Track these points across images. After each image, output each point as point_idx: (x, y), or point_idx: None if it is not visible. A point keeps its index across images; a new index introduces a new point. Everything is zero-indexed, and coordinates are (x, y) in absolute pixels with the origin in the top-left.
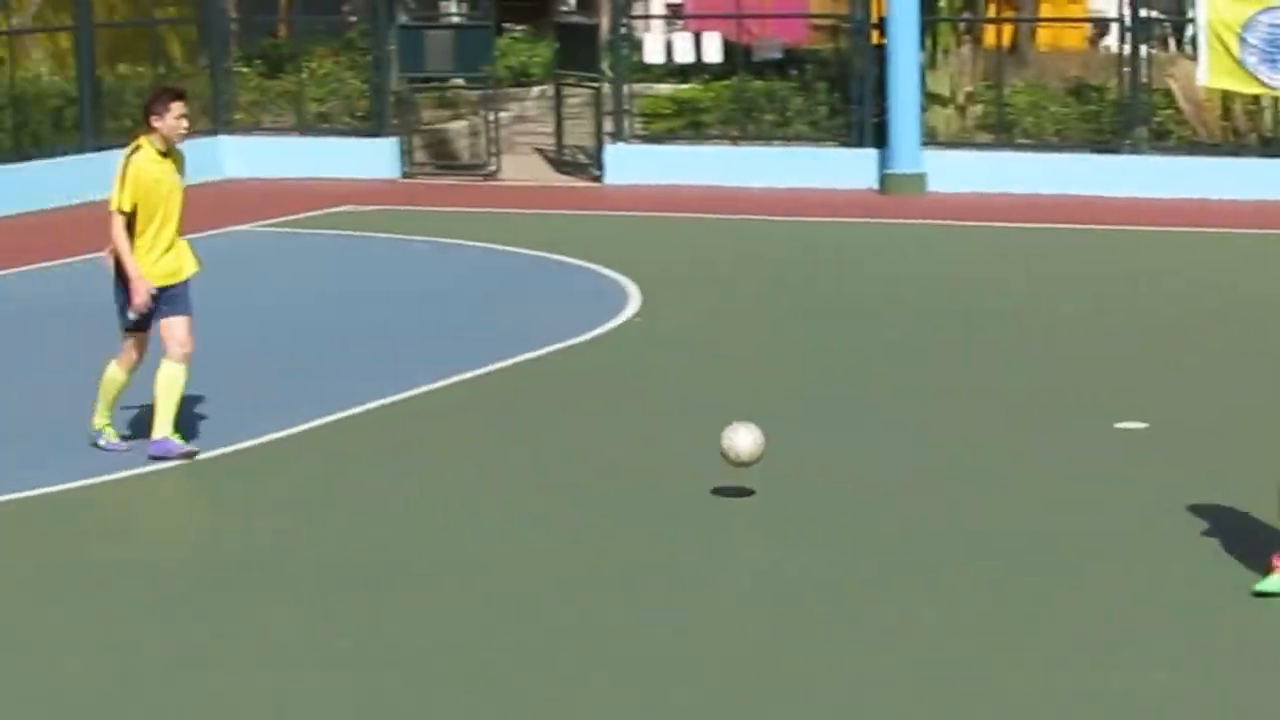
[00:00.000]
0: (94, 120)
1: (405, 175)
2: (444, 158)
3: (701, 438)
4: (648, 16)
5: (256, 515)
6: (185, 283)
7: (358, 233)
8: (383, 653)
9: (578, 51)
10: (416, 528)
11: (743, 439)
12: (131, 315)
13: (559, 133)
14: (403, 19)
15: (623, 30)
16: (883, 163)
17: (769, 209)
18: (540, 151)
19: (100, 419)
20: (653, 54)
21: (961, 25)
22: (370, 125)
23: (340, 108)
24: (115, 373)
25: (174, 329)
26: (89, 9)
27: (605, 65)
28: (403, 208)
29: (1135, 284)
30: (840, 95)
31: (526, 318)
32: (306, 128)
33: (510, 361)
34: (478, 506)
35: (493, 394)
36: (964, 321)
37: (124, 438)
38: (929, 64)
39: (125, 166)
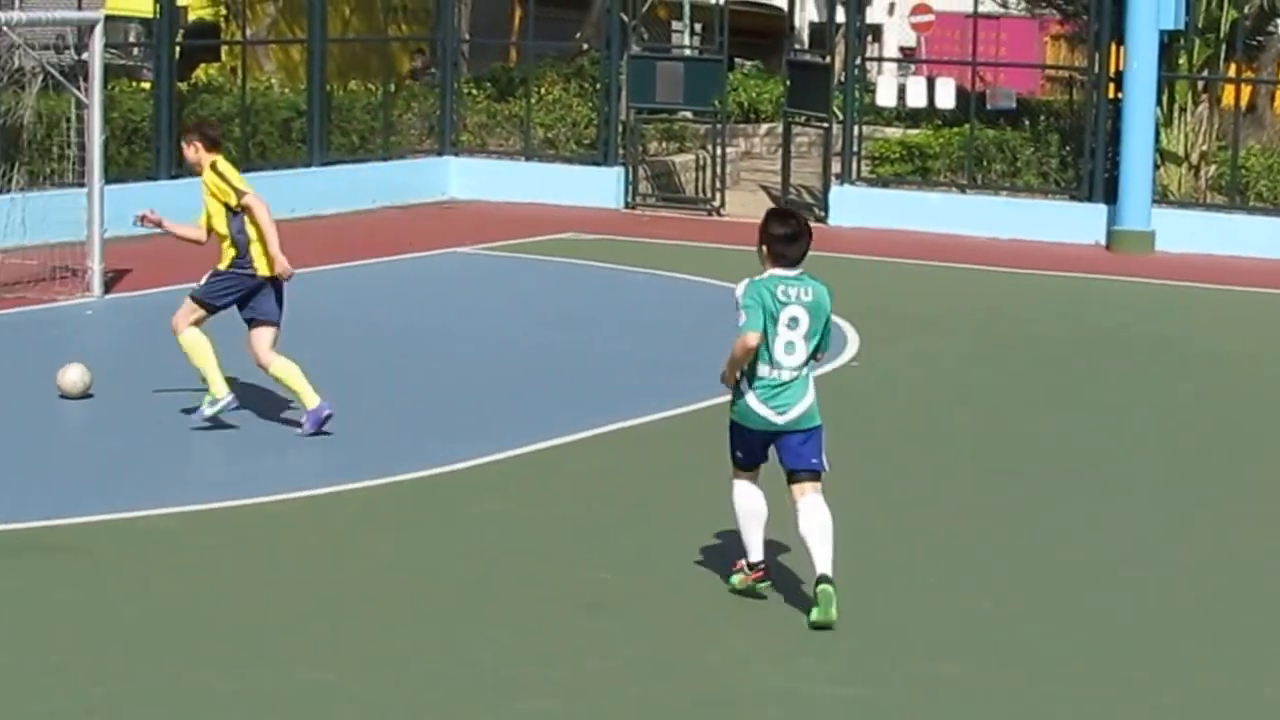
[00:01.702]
0: (322, 135)
1: (628, 205)
2: (668, 190)
3: (912, 488)
4: (881, 59)
5: (472, 533)
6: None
7: (578, 260)
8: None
9: (808, 90)
10: (627, 552)
11: (72, 378)
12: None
13: (785, 171)
14: (635, 49)
15: (856, 71)
16: (1111, 219)
17: (993, 259)
18: (765, 189)
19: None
20: (885, 97)
21: (1200, 83)
22: (596, 154)
23: (567, 134)
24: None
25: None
26: (323, 24)
27: (836, 106)
28: (624, 238)
29: None
30: (1072, 148)
31: None
32: (532, 153)
33: (722, 399)
34: (677, 535)
35: (704, 429)
36: (1184, 381)
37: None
38: (1164, 121)
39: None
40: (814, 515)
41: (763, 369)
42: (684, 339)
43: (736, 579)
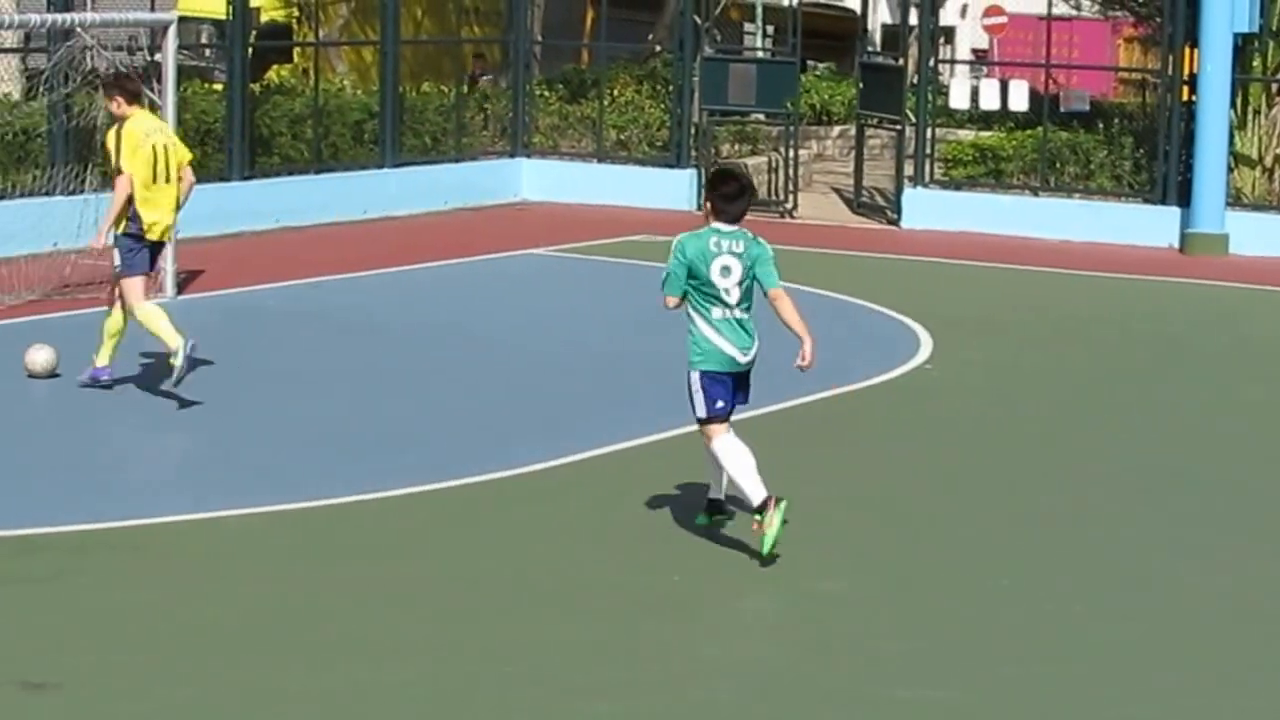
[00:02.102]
0: (394, 136)
1: (700, 208)
2: None
3: (985, 491)
4: (954, 61)
5: (545, 535)
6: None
7: (650, 262)
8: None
9: (881, 92)
10: (698, 554)
11: (38, 358)
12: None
13: (858, 173)
14: (707, 50)
15: (928, 73)
16: (1185, 222)
17: (1066, 262)
18: (837, 191)
19: (173, 340)
20: (958, 99)
21: (1274, 86)
22: (668, 156)
23: (639, 136)
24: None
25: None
26: (395, 25)
27: (909, 108)
28: None
29: None
30: (1145, 151)
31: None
32: (604, 155)
33: (796, 402)
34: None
35: (778, 433)
36: (1257, 385)
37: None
38: (1238, 124)
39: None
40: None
41: (717, 311)
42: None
43: (770, 533)
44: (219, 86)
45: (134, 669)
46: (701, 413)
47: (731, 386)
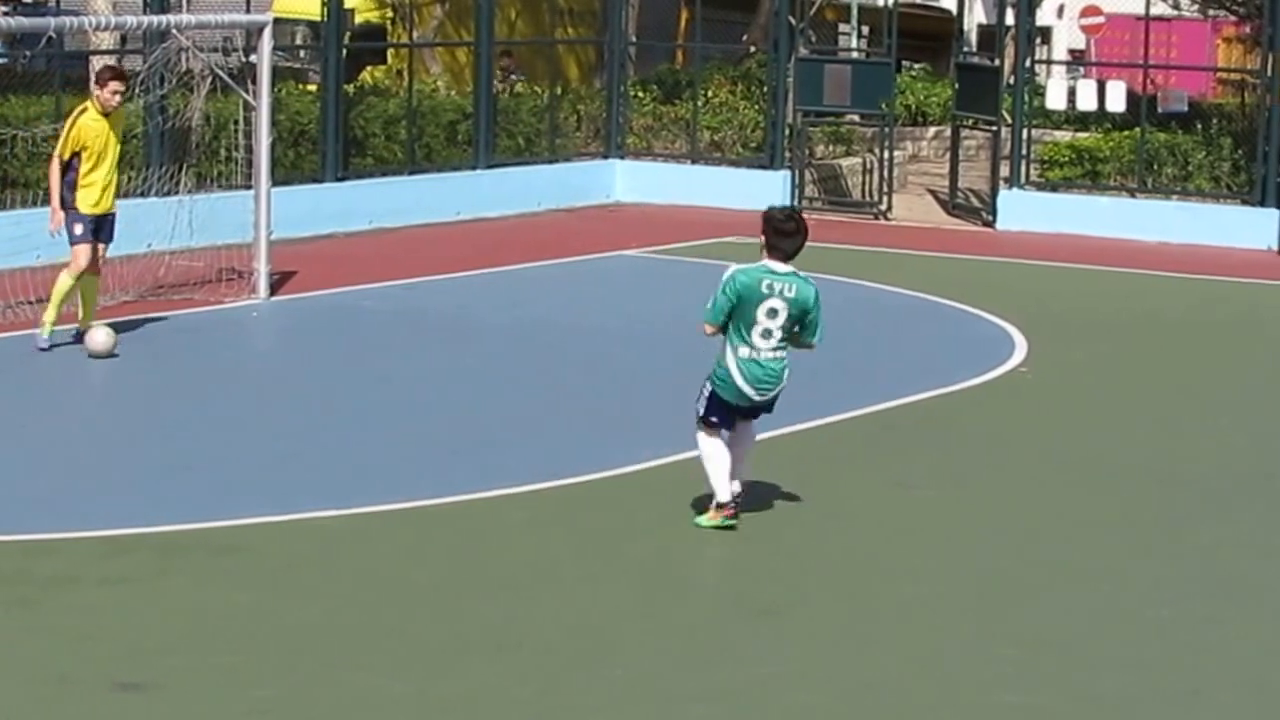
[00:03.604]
0: (488, 137)
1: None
2: (835, 193)
3: (1082, 495)
4: (1050, 61)
5: (639, 535)
6: (110, 215)
7: (743, 263)
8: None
9: (977, 93)
10: (797, 560)
11: (99, 340)
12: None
13: (953, 175)
14: (802, 51)
15: (1025, 74)
16: None
17: (1164, 264)
18: (932, 193)
19: (49, 316)
20: (1055, 100)
21: None
22: (762, 157)
23: (733, 137)
24: (64, 279)
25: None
26: (490, 26)
27: (1005, 109)
28: None
29: None
30: (1244, 152)
31: (910, 360)
32: (698, 156)
33: (890, 404)
34: (845, 542)
35: (871, 435)
36: None
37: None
38: None
39: (71, 125)
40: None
41: (742, 349)
42: (850, 344)
43: (704, 519)
44: (313, 88)
45: (226, 670)
46: (700, 412)
47: (739, 414)
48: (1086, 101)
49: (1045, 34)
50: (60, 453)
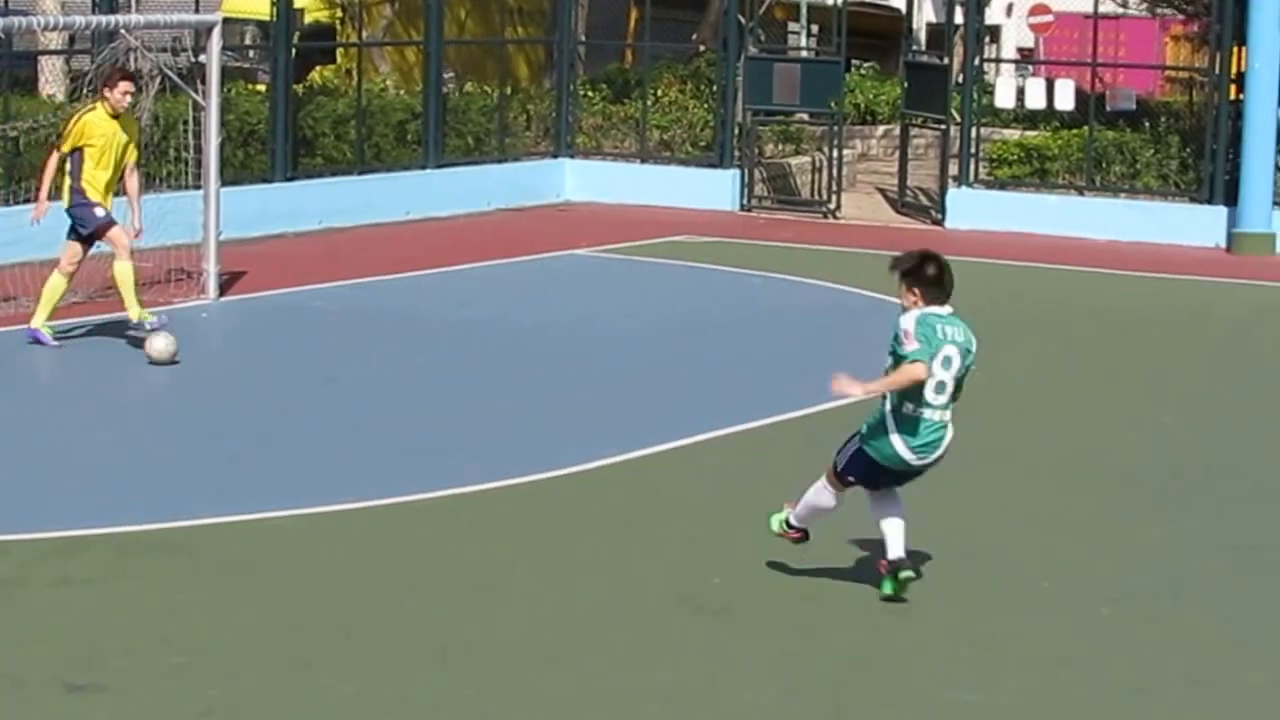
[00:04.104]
0: (437, 137)
1: (744, 208)
2: (784, 192)
3: (1029, 492)
4: (999, 60)
5: (586, 537)
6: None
7: (692, 263)
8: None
9: (926, 92)
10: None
11: (160, 346)
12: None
13: (902, 173)
14: (751, 50)
15: (974, 73)
16: (1232, 221)
17: (1112, 262)
18: (881, 191)
19: (40, 318)
20: (1003, 98)
21: None
22: (712, 156)
23: (683, 136)
24: (58, 280)
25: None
26: (439, 26)
27: (954, 107)
28: (739, 240)
29: None
30: (1192, 150)
31: (859, 358)
32: (647, 155)
33: (839, 404)
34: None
35: (821, 433)
36: None
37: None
38: None
39: (76, 121)
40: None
41: (908, 407)
42: (799, 342)
43: (777, 519)
44: (262, 87)
45: (177, 670)
46: (838, 466)
47: (892, 476)
48: (1035, 100)
49: (994, 32)
50: (10, 453)
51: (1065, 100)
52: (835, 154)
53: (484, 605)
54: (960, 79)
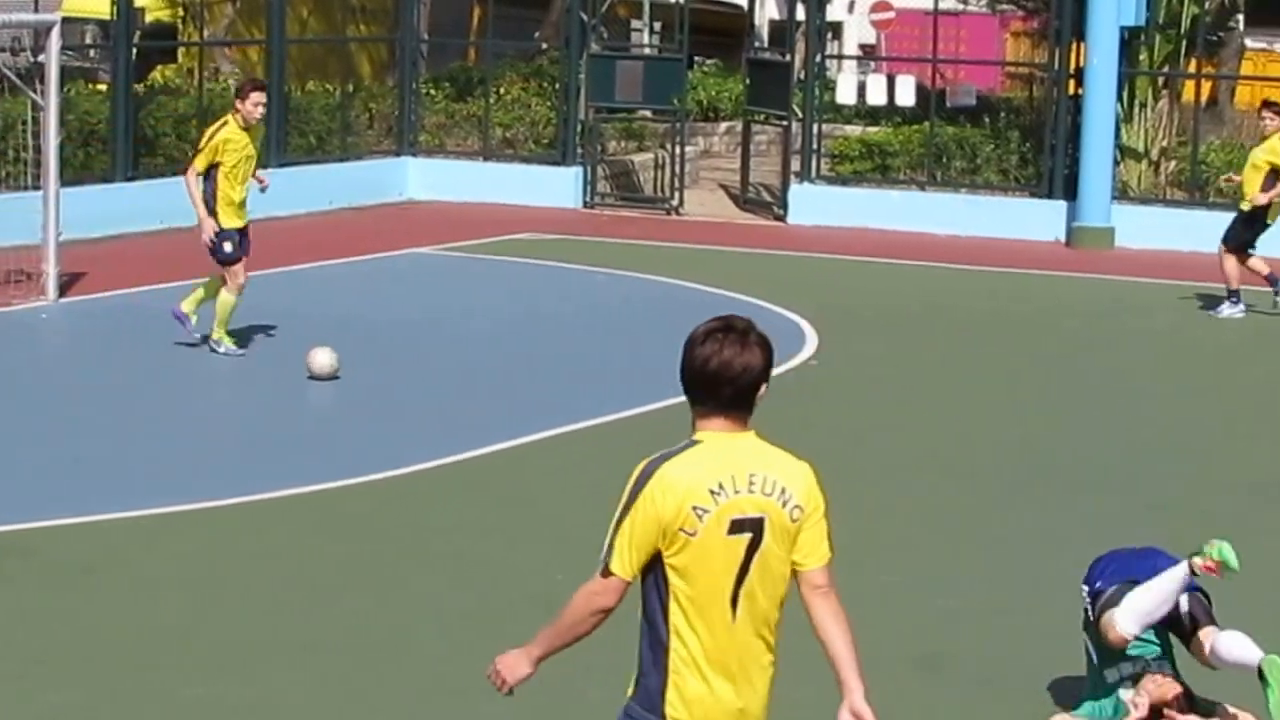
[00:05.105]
0: (280, 136)
1: (587, 205)
2: (627, 189)
3: (870, 487)
4: (841, 56)
5: (432, 536)
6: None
7: (536, 260)
8: None
9: (768, 88)
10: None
11: (321, 360)
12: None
13: (744, 170)
14: (594, 47)
15: (816, 69)
16: (1071, 215)
17: (954, 257)
18: (724, 188)
19: (219, 332)
20: (845, 94)
21: (1160, 79)
22: (555, 153)
23: (526, 134)
24: (226, 298)
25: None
26: (281, 24)
27: (796, 104)
28: (583, 238)
29: None
30: (1032, 145)
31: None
32: (491, 153)
33: (680, 400)
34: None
35: (661, 431)
36: (1145, 377)
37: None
38: (1125, 117)
39: (211, 136)
40: None
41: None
42: (640, 341)
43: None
44: (103, 87)
45: (18, 676)
46: None
47: None
48: (876, 96)
49: (836, 29)
50: None
51: (906, 96)
52: (678, 151)
53: (332, 605)
54: (802, 75)
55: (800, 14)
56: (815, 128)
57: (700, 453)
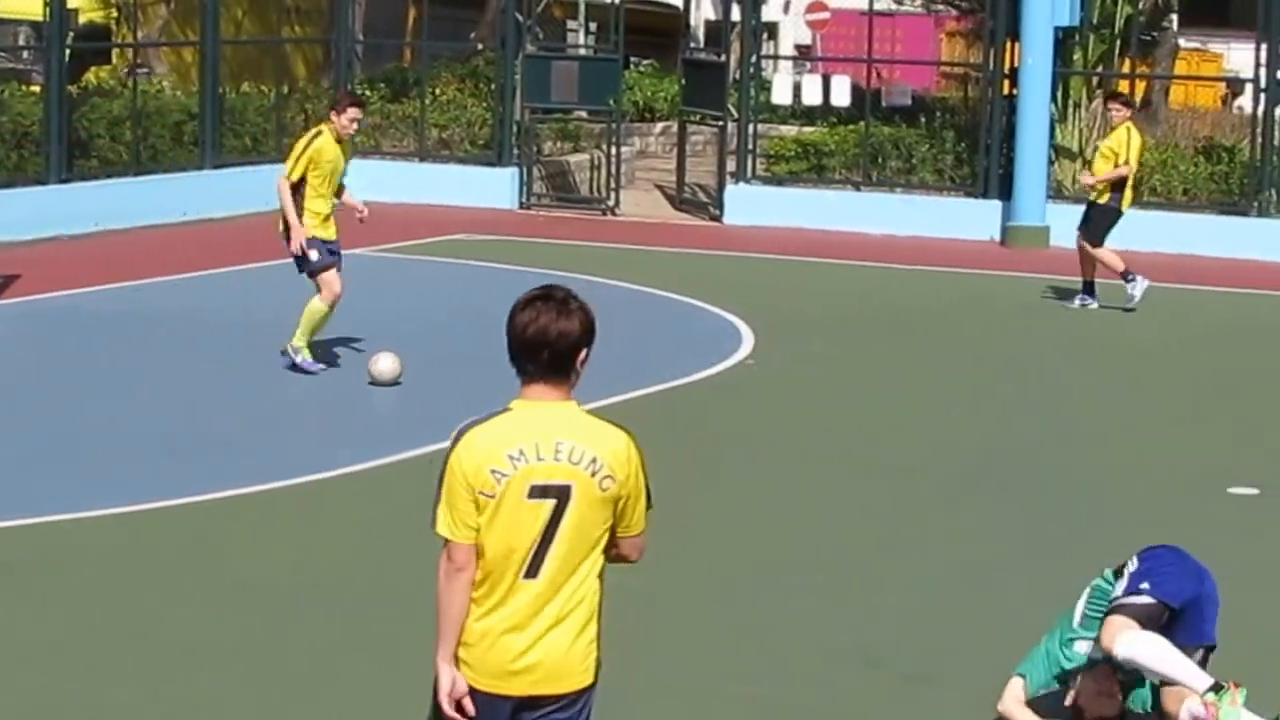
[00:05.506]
0: (215, 137)
1: (523, 206)
2: (563, 190)
3: (805, 487)
4: (777, 57)
5: (342, 539)
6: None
7: (471, 261)
8: None
9: (704, 88)
10: None
11: (385, 367)
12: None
13: (680, 170)
14: (530, 48)
15: (751, 69)
16: (1006, 215)
17: (889, 256)
18: (660, 188)
19: (300, 340)
20: (781, 95)
21: (1094, 79)
22: (490, 154)
23: (461, 135)
24: (318, 306)
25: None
26: (216, 26)
27: (731, 104)
28: (519, 238)
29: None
30: (967, 145)
31: (636, 356)
32: (426, 154)
33: (616, 399)
34: None
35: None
36: (1080, 375)
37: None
38: (1059, 117)
39: (305, 146)
40: None
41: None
42: None
43: None
44: (36, 89)
45: None
46: None
47: None
48: (812, 96)
49: (772, 29)
50: None
51: (842, 96)
52: (614, 151)
53: (265, 608)
54: (738, 76)
55: (736, 14)
56: (751, 128)
57: (508, 419)
